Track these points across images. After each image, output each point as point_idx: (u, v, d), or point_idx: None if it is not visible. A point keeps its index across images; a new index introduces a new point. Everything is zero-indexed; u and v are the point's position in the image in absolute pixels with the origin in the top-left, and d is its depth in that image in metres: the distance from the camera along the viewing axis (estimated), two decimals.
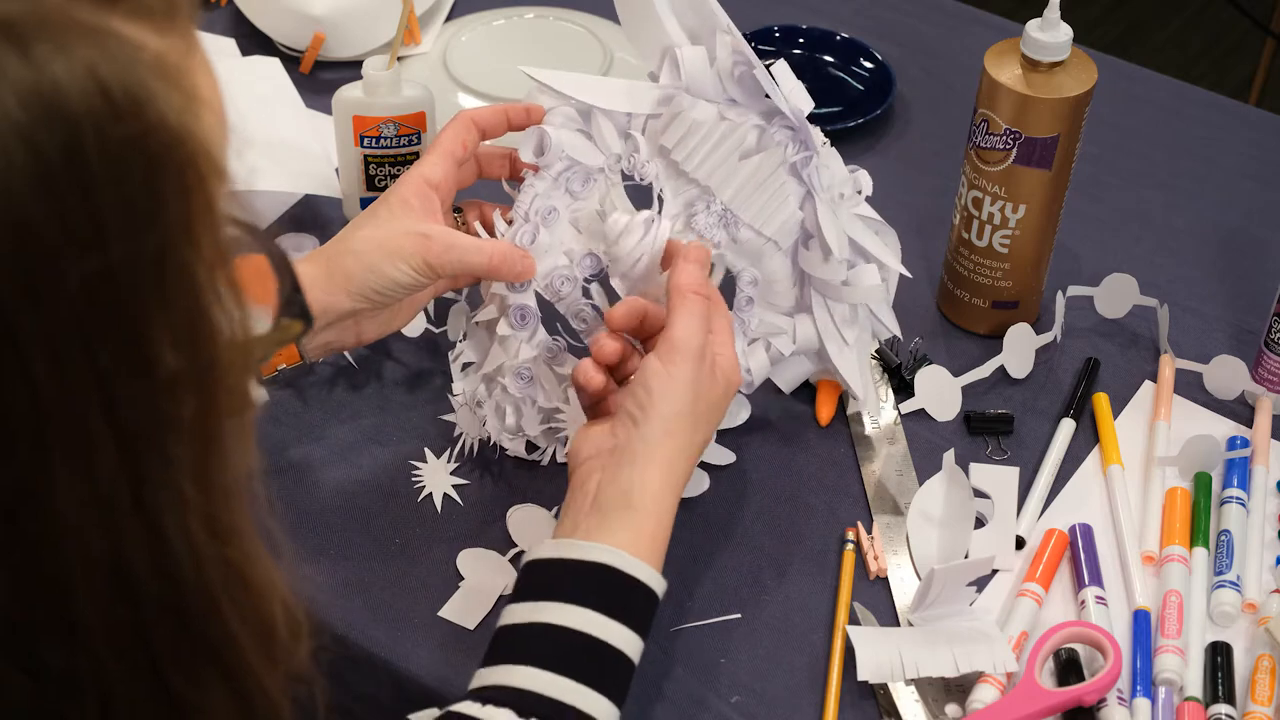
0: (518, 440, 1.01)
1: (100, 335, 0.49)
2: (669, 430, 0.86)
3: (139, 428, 0.51)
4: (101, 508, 0.51)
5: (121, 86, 0.48)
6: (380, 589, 0.97)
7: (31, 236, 0.47)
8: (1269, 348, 1.08)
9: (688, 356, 0.87)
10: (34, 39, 0.47)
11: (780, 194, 0.98)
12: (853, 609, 0.96)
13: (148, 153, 0.49)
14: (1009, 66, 1.04)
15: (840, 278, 0.99)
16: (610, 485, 0.85)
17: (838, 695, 0.92)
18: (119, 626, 0.53)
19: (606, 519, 0.84)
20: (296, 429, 1.06)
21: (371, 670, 0.94)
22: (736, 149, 0.98)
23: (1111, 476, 1.04)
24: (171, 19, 0.52)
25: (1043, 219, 1.09)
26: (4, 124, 0.46)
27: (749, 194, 0.98)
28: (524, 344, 0.97)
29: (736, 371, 0.91)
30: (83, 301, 0.48)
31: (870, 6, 1.46)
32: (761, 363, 1.01)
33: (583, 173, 0.99)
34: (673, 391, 0.86)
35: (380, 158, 1.16)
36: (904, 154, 1.31)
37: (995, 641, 0.92)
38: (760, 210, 0.98)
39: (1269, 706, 0.90)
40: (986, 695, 0.90)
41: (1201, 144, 1.33)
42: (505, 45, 1.38)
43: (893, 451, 1.06)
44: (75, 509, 0.50)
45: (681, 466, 0.87)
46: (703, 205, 0.98)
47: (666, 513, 0.86)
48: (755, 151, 0.98)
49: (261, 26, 1.36)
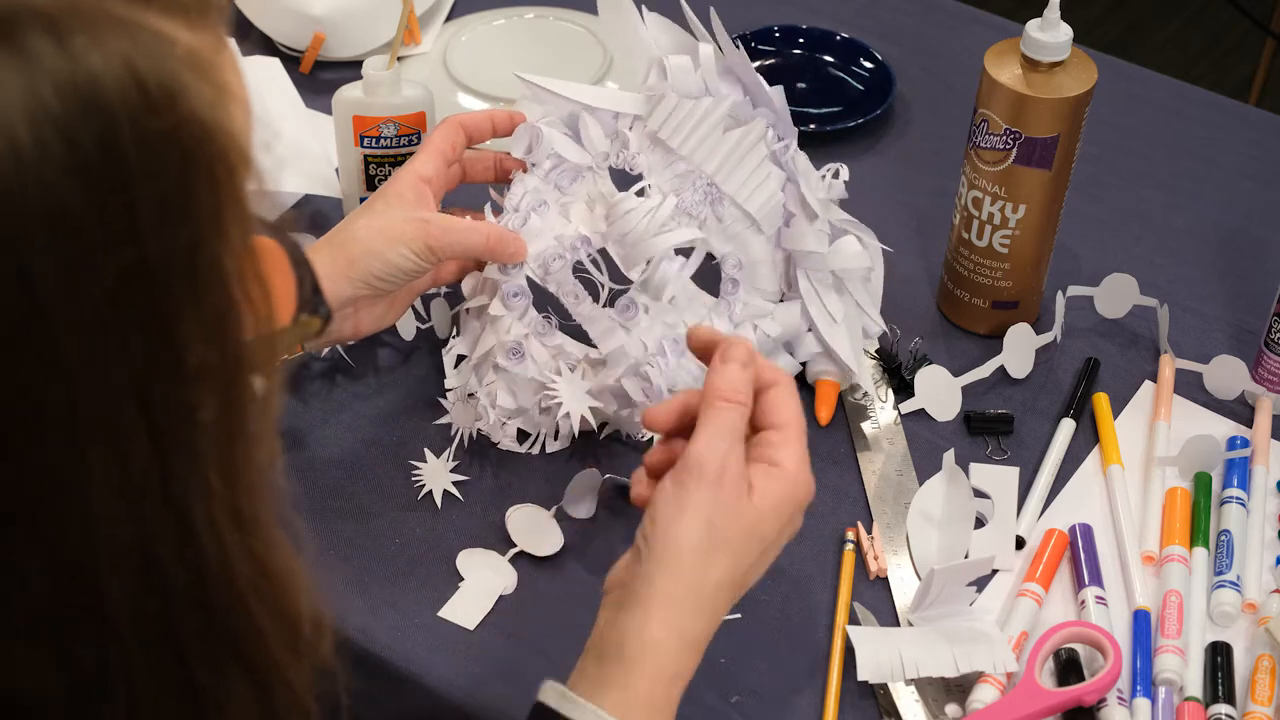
0: (510, 425, 1.01)
1: (133, 327, 0.49)
2: (674, 568, 0.76)
3: (168, 419, 0.51)
4: (132, 498, 0.51)
5: (156, 79, 0.48)
6: (380, 589, 0.97)
7: (68, 228, 0.47)
8: (1269, 348, 1.08)
9: (702, 479, 0.76)
10: (70, 30, 0.47)
11: (761, 171, 1.03)
12: (853, 609, 0.96)
13: (181, 145, 0.49)
14: (1009, 66, 1.04)
15: (824, 247, 1.03)
16: (610, 629, 0.77)
17: (838, 695, 0.92)
18: (146, 618, 0.53)
19: (602, 670, 0.76)
20: (295, 429, 1.06)
21: (371, 670, 0.94)
22: (720, 123, 1.03)
23: (1111, 476, 1.04)
24: (204, 14, 0.52)
25: (1043, 219, 1.09)
26: (40, 114, 0.46)
27: (732, 167, 1.03)
28: (515, 322, 1.00)
29: (799, 486, 0.79)
30: (117, 293, 0.48)
31: (870, 6, 1.46)
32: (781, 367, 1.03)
33: (571, 170, 1.03)
34: (679, 522, 0.76)
35: (380, 158, 1.16)
36: (904, 154, 1.31)
37: (995, 642, 0.92)
38: (743, 185, 1.03)
39: (1269, 706, 0.90)
40: (986, 695, 0.90)
41: (1201, 144, 1.33)
42: (505, 45, 1.38)
43: (893, 451, 1.06)
44: (106, 500, 0.50)
45: (694, 609, 0.76)
46: (689, 183, 1.03)
47: (669, 665, 0.75)
48: (736, 126, 1.03)
49: (261, 26, 1.36)
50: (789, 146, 1.05)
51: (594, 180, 1.04)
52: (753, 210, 1.03)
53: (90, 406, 0.49)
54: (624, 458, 1.05)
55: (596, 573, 0.98)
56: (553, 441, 1.04)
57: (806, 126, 1.31)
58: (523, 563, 0.99)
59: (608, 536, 1.00)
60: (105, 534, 0.51)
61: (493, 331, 1.01)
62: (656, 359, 1.00)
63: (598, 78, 1.33)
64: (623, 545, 0.99)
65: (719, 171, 1.03)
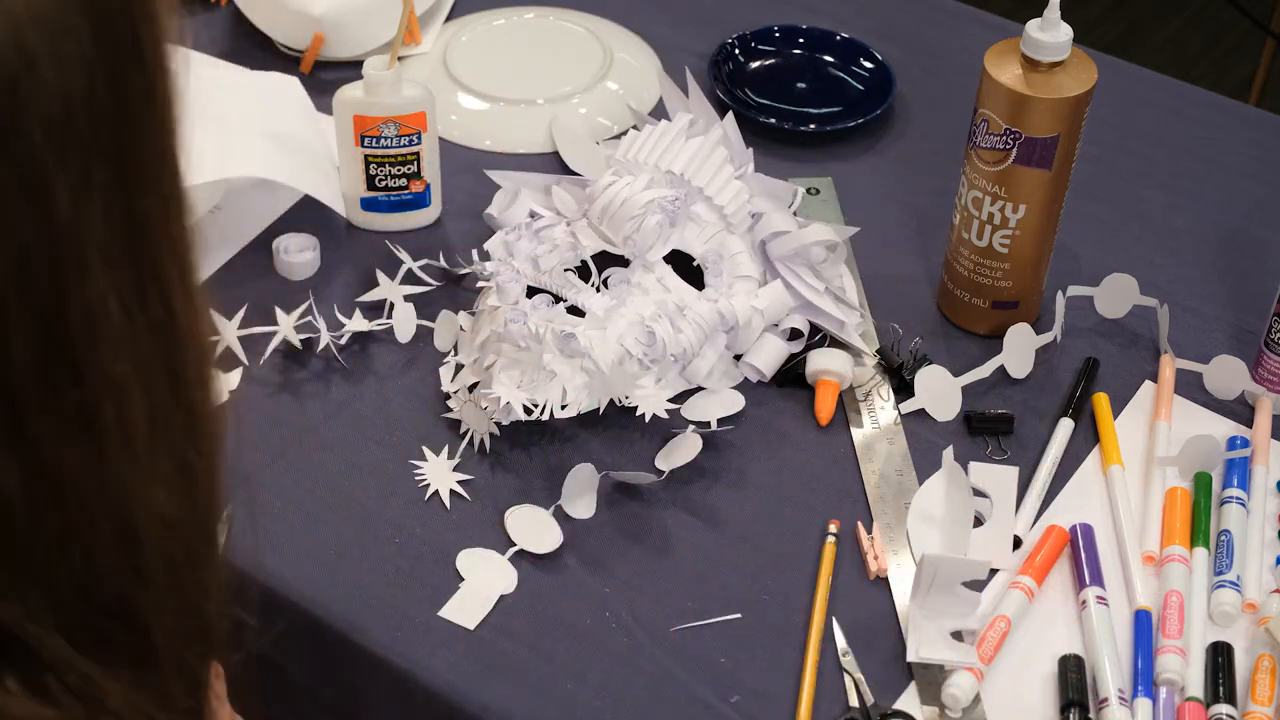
0: (518, 398, 1.00)
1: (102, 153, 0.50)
2: None
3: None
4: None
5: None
6: (380, 589, 0.97)
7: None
8: (1269, 348, 1.08)
9: None
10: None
11: (725, 171, 1.11)
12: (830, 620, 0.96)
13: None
14: (1009, 66, 1.04)
15: (792, 226, 1.10)
16: None
17: (813, 683, 0.92)
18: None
19: None
20: (295, 429, 1.06)
21: (371, 670, 0.94)
22: (682, 132, 1.13)
23: (1112, 476, 1.04)
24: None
25: (1043, 219, 1.09)
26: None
27: (698, 165, 1.11)
28: (517, 297, 1.04)
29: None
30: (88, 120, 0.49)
31: (870, 6, 1.46)
32: (770, 355, 1.08)
33: (547, 222, 1.13)
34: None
35: (380, 158, 1.16)
36: (904, 154, 1.31)
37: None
38: (711, 180, 1.10)
39: (1269, 706, 0.90)
40: (964, 682, 0.91)
41: (1201, 144, 1.33)
42: (505, 45, 1.38)
43: (893, 451, 1.06)
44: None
45: None
46: (660, 172, 1.10)
47: None
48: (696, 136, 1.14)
49: (261, 26, 1.36)
50: (745, 168, 1.14)
51: (565, 232, 1.11)
52: (723, 204, 1.10)
53: (75, 229, 0.49)
54: (623, 454, 1.05)
55: (596, 572, 0.98)
56: (559, 411, 1.02)
57: (806, 126, 1.31)
58: (523, 562, 0.99)
59: (607, 534, 1.00)
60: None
61: (489, 320, 1.03)
62: (658, 319, 1.04)
63: (598, 78, 1.33)
64: (622, 542, 1.00)
65: (687, 169, 1.10)
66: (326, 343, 1.09)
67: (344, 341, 1.11)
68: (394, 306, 1.11)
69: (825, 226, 1.10)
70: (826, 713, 0.91)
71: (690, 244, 1.09)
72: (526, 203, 1.16)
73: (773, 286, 1.09)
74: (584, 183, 1.16)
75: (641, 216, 1.08)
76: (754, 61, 1.38)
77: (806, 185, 1.25)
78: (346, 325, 1.11)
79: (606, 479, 1.01)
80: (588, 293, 1.07)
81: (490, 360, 1.02)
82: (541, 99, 1.31)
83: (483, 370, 1.03)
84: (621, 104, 1.32)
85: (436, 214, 1.21)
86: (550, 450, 1.05)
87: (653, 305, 1.05)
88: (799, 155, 1.29)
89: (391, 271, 1.14)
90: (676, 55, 1.38)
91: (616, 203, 1.09)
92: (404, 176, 1.17)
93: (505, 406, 1.00)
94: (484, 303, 1.07)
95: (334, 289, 1.16)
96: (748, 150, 1.16)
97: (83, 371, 0.51)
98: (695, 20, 1.43)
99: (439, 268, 1.16)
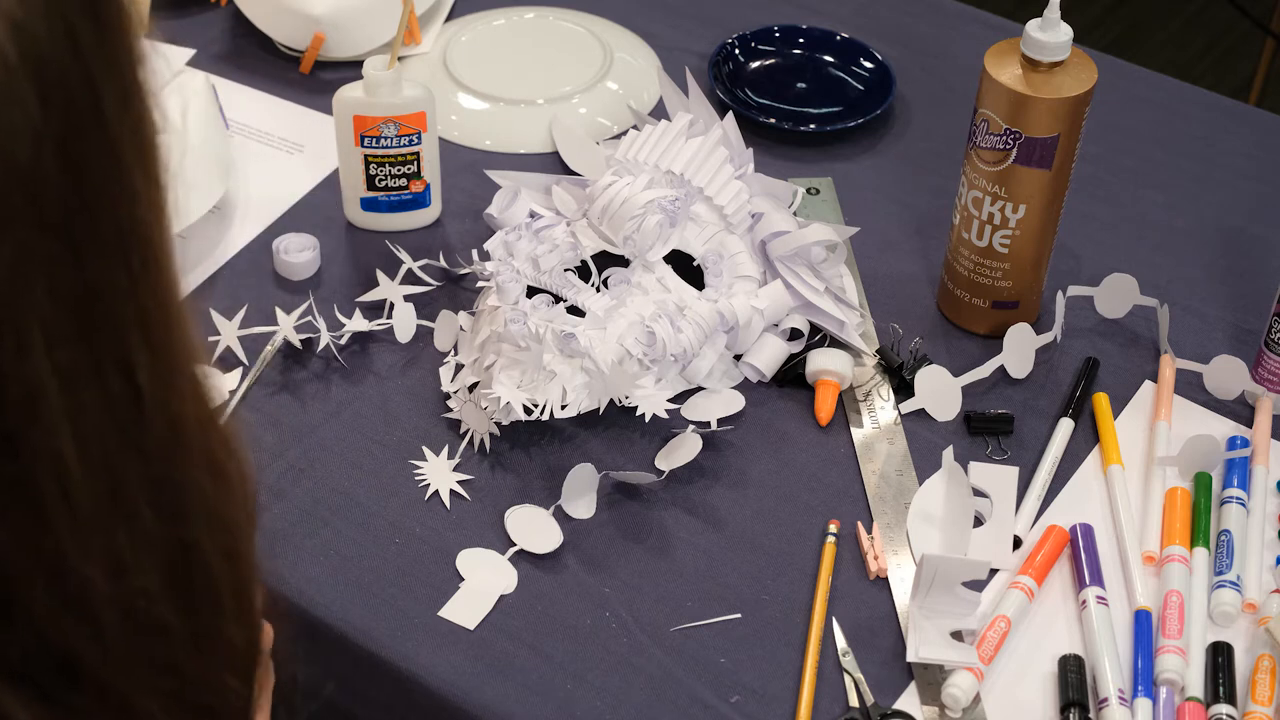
0: (518, 398, 1.01)
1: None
2: None
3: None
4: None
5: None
6: (380, 589, 0.97)
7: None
8: (1269, 348, 1.08)
9: None
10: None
11: (725, 171, 1.12)
12: (830, 618, 0.96)
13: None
14: (1009, 66, 1.04)
15: (792, 225, 1.10)
16: None
17: (813, 683, 0.92)
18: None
19: None
20: (294, 430, 1.06)
21: (372, 670, 0.94)
22: (682, 133, 1.13)
23: (1112, 476, 1.04)
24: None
25: (1043, 219, 1.09)
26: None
27: (698, 165, 1.11)
28: (517, 298, 1.04)
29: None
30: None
31: (870, 6, 1.46)
32: (770, 355, 1.08)
33: (547, 222, 1.13)
34: None
35: (381, 158, 1.16)
36: (904, 154, 1.31)
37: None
38: (711, 180, 1.11)
39: (1269, 706, 0.90)
40: (964, 682, 0.91)
41: (1201, 144, 1.33)
42: (505, 45, 1.38)
43: (893, 451, 1.06)
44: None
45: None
46: (660, 172, 1.11)
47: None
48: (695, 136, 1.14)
49: (261, 26, 1.36)
50: (745, 169, 1.15)
51: (565, 231, 1.12)
52: (723, 203, 1.10)
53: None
54: (623, 454, 1.05)
55: (596, 572, 0.98)
56: (559, 411, 1.02)
57: (807, 126, 1.31)
58: (523, 562, 0.99)
59: (607, 534, 1.00)
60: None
61: (489, 320, 1.03)
62: (658, 319, 1.04)
63: (598, 78, 1.33)
64: (622, 542, 1.00)
65: (687, 169, 1.11)
66: (326, 343, 1.10)
67: (344, 341, 1.11)
68: (394, 306, 1.11)
69: (825, 226, 1.10)
70: (826, 713, 0.91)
71: (690, 244, 1.10)
72: (526, 203, 1.15)
73: (773, 286, 1.09)
74: (584, 183, 1.16)
75: (641, 216, 1.08)
76: (754, 61, 1.38)
77: (806, 185, 1.25)
78: (346, 325, 1.11)
79: (606, 479, 1.02)
80: (588, 293, 1.07)
81: (490, 360, 1.02)
82: (541, 99, 1.31)
83: (483, 370, 1.03)
84: (621, 104, 1.32)
85: (436, 214, 1.21)
86: (550, 450, 1.05)
87: (653, 305, 1.05)
88: (799, 155, 1.29)
89: (391, 271, 1.15)
90: (676, 55, 1.38)
91: (616, 203, 1.09)
92: (404, 176, 1.17)
93: (505, 406, 1.00)
94: (484, 303, 1.07)
95: (334, 289, 1.16)
96: (748, 150, 1.16)
97: (18, 446, 0.48)
98: (695, 20, 1.43)
99: (439, 268, 1.16)
